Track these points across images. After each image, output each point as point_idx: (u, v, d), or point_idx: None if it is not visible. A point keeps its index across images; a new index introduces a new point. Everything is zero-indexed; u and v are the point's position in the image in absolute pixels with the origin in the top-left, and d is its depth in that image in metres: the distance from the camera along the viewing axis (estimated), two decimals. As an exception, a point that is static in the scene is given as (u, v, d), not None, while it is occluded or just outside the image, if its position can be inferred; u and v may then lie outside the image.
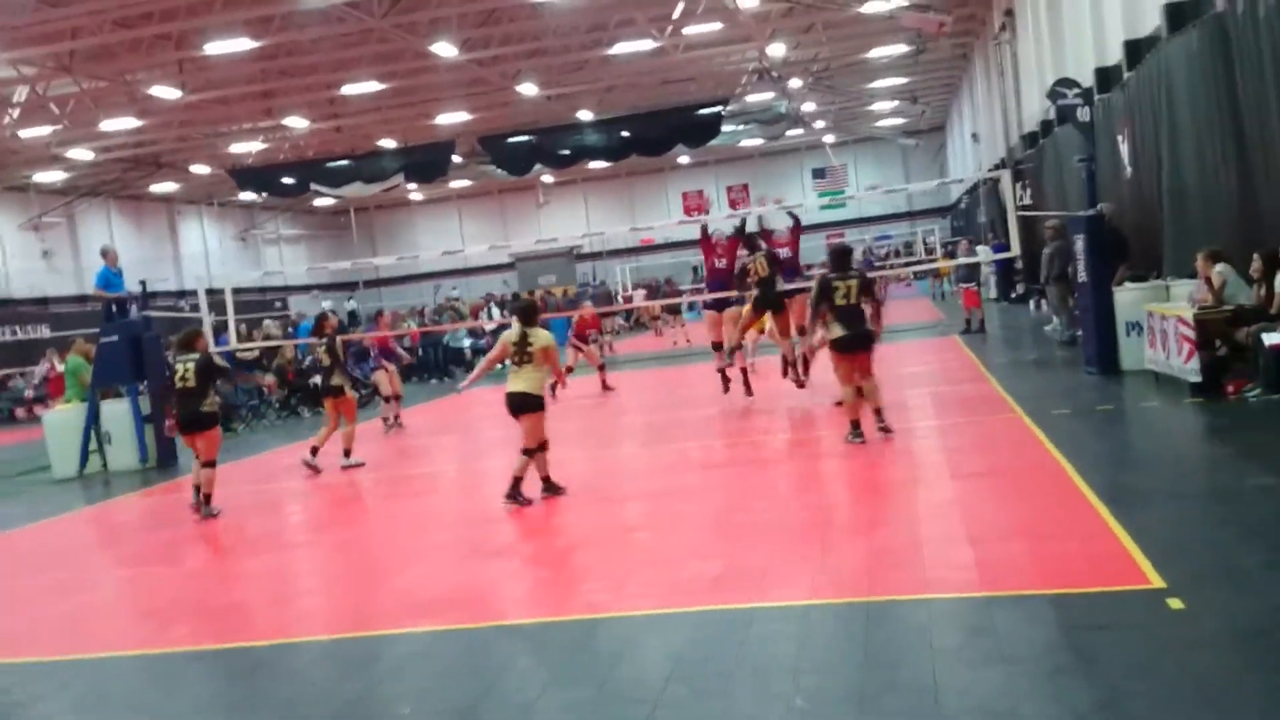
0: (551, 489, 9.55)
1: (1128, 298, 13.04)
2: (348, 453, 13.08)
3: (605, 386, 18.82)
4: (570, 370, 18.44)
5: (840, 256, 11.03)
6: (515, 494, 9.37)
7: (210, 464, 10.85)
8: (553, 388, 12.36)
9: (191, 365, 10.78)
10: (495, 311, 33.80)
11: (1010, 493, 8.06)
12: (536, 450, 9.44)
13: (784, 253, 14.51)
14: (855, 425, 10.49)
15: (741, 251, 14.58)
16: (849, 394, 10.60)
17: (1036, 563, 6.18)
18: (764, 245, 14.23)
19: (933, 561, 6.34)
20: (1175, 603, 5.23)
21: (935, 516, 7.46)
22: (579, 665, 5.42)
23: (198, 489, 10.90)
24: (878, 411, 10.62)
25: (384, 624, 6.52)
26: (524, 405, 9.39)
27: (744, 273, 14.13)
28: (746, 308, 14.27)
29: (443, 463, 13.86)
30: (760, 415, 13.99)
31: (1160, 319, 11.54)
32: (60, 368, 20.33)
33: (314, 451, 12.97)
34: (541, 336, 9.45)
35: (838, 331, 10.50)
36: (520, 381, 9.42)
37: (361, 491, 11.93)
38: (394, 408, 16.96)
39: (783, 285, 13.95)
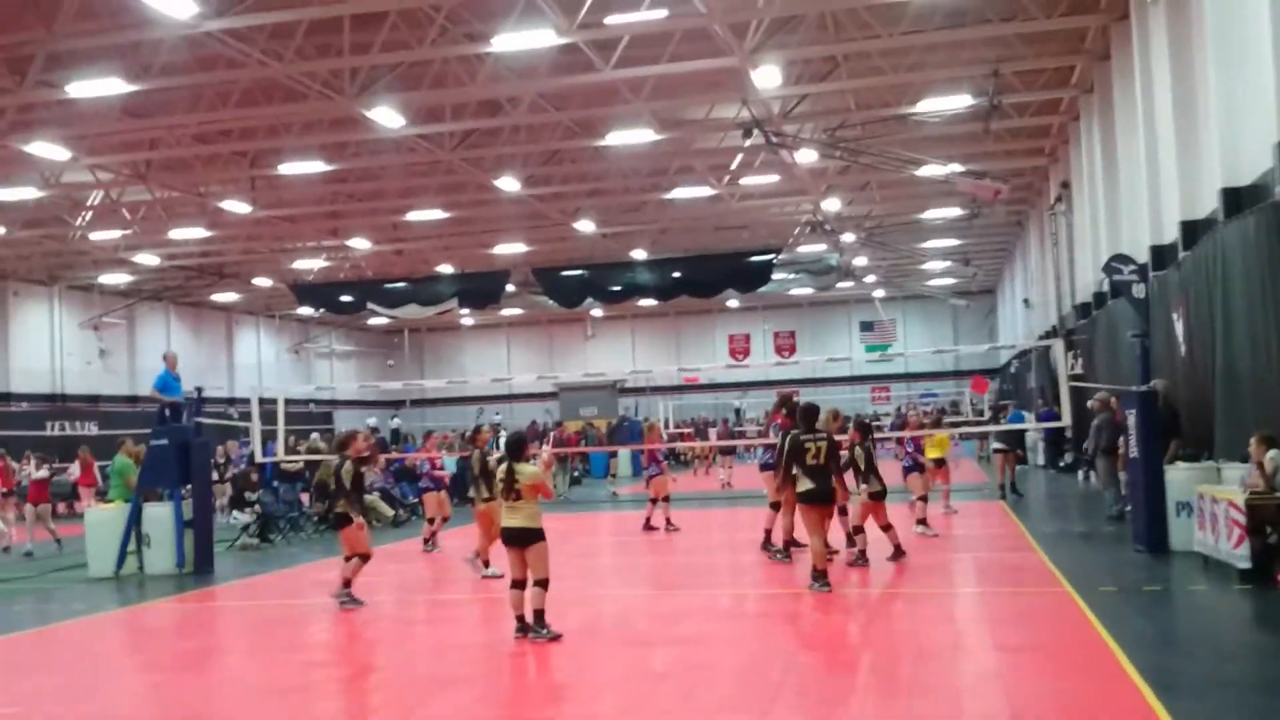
0: (542, 626, 9.39)
1: (1179, 477, 12.87)
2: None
3: (670, 524, 17.83)
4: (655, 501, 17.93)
5: (809, 416, 11.53)
6: (540, 626, 9.30)
7: (349, 557, 11.76)
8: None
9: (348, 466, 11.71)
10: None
11: (1054, 669, 7.86)
12: (542, 583, 9.40)
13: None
14: (823, 575, 11.04)
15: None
16: (816, 544, 11.17)
17: (1079, 746, 6.01)
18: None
19: (972, 736, 6.18)
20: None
21: (976, 689, 7.30)
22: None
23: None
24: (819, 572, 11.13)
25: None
26: (525, 538, 9.45)
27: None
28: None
29: (475, 589, 13.72)
30: (800, 566, 13.84)
31: (1211, 501, 11.37)
32: (38, 474, 20.65)
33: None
34: (527, 473, 9.49)
35: (806, 485, 11.18)
36: (517, 517, 9.48)
37: (390, 615, 11.85)
38: (437, 527, 16.84)
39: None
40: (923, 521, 15.84)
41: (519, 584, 9.58)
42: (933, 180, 27.28)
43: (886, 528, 12.98)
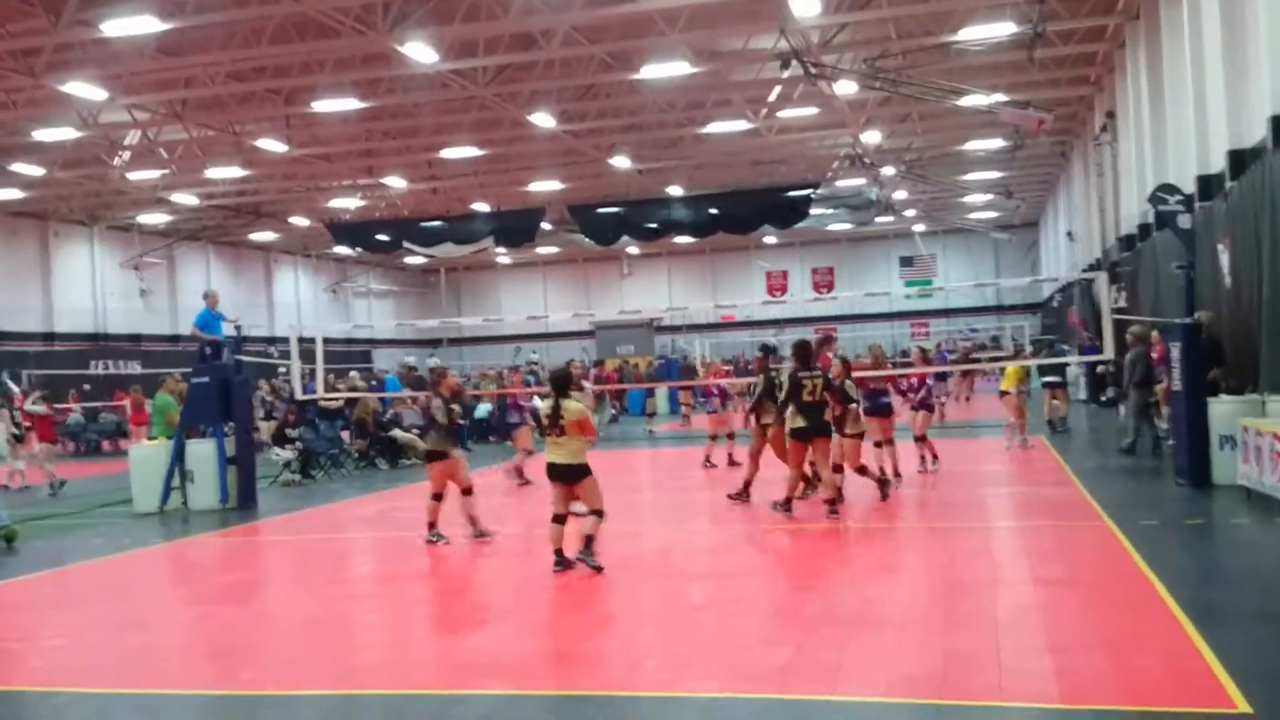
0: (588, 555, 9.46)
1: (1222, 410, 12.68)
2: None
3: (732, 460, 17.88)
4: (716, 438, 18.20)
5: (805, 354, 11.95)
6: (588, 552, 9.39)
7: (437, 495, 11.56)
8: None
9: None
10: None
11: (1093, 602, 7.81)
12: (597, 513, 9.51)
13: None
14: (788, 501, 11.80)
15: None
16: (795, 476, 11.96)
17: (1117, 677, 5.97)
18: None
19: (1010, 668, 6.16)
20: (1261, 731, 5.02)
21: (1015, 621, 7.27)
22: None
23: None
24: (829, 502, 11.63)
25: (446, 684, 6.49)
26: (570, 474, 9.55)
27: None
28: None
29: (523, 522, 13.81)
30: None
31: (1255, 434, 11.20)
32: (33, 408, 20.86)
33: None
34: (572, 409, 9.52)
35: (798, 422, 11.63)
36: (560, 453, 9.55)
37: (433, 549, 11.95)
38: (522, 460, 16.83)
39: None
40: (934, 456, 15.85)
41: (560, 519, 9.67)
42: (975, 111, 26.72)
43: (861, 470, 12.90)
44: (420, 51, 21.35)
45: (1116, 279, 23.19)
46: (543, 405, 9.82)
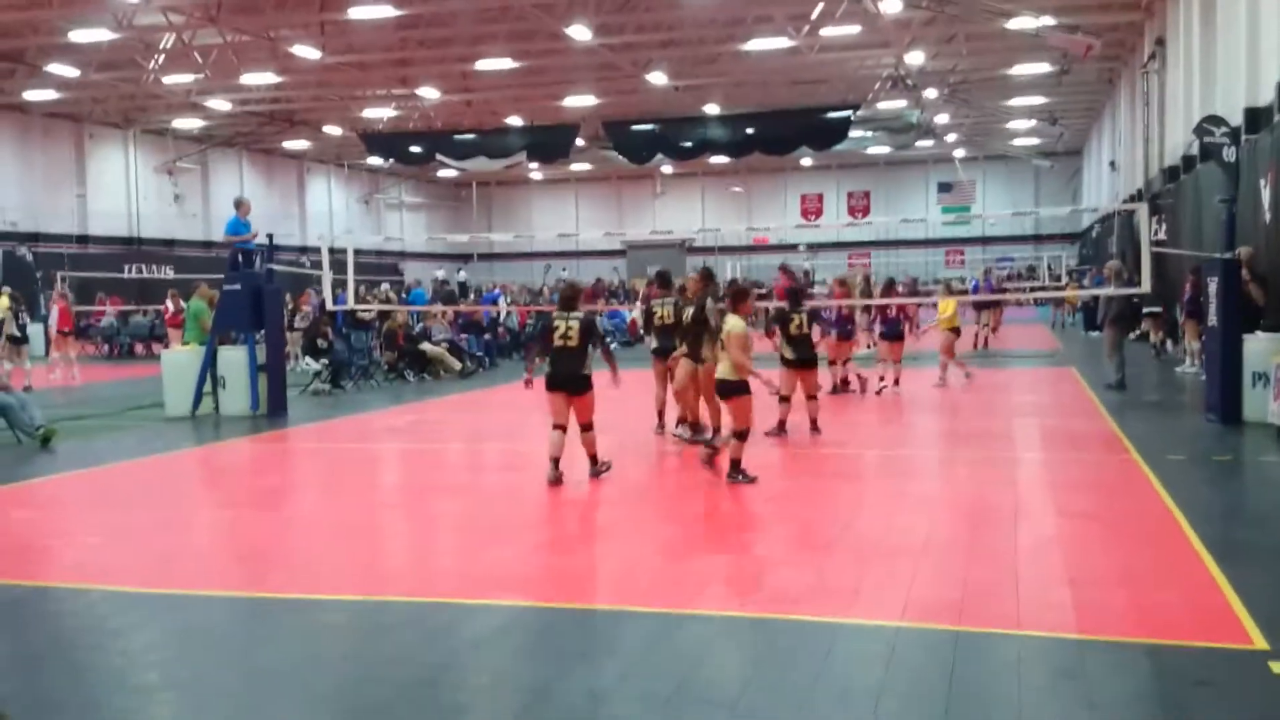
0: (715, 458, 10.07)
1: (1257, 348, 12.53)
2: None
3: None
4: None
5: (795, 296, 13.55)
6: (738, 473, 9.66)
7: (588, 426, 10.00)
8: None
9: (575, 324, 9.86)
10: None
11: (1115, 536, 7.81)
12: (744, 434, 9.70)
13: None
14: (780, 426, 12.51)
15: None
16: (784, 409, 12.60)
17: (1135, 610, 5.98)
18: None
19: (1028, 598, 6.18)
20: (1277, 666, 5.01)
21: (1035, 552, 7.28)
22: (658, 660, 5.40)
23: (556, 461, 9.84)
24: (813, 421, 12.61)
25: (471, 593, 6.59)
26: (726, 391, 9.79)
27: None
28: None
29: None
30: (864, 428, 13.84)
31: (1291, 372, 11.07)
32: (173, 308, 21.19)
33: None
34: (734, 322, 9.72)
35: (790, 354, 12.78)
36: (721, 368, 9.81)
37: (462, 462, 12.09)
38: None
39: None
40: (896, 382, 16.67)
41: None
42: (1022, 34, 26.14)
43: (811, 397, 12.90)
44: (457, -41, 21.03)
45: (1158, 211, 22.82)
46: (733, 324, 9.76)
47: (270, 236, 16.94)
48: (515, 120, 39.29)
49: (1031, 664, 5.20)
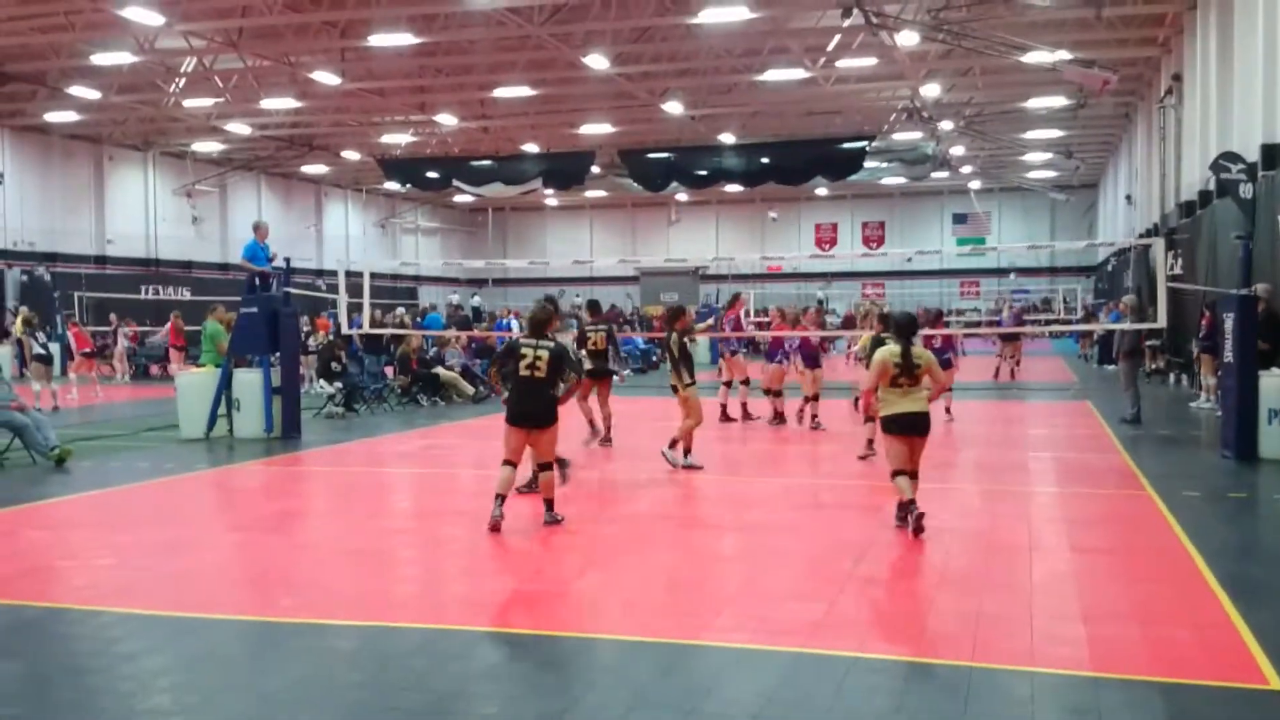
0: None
1: (1273, 384, 12.48)
2: (673, 443, 12.44)
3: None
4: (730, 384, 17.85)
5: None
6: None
7: (547, 466, 9.42)
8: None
9: (545, 354, 9.19)
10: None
11: (1129, 572, 7.76)
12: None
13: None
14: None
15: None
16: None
17: (1149, 647, 5.94)
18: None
19: (1042, 634, 6.14)
20: (1295, 709, 4.98)
21: (1049, 587, 7.23)
22: (667, 690, 5.38)
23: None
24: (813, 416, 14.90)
25: (481, 620, 6.58)
26: (925, 425, 9.07)
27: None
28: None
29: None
30: (875, 461, 13.83)
31: (1308, 409, 11.01)
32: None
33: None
34: (925, 356, 8.98)
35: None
36: (918, 403, 8.91)
37: (472, 488, 12.07)
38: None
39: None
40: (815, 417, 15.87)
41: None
42: (1038, 68, 26.18)
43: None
44: (477, -12, 21.21)
45: (1173, 246, 22.78)
46: (888, 352, 8.87)
47: (287, 260, 17.04)
48: (532, 147, 39.48)
49: (1044, 701, 5.16)
